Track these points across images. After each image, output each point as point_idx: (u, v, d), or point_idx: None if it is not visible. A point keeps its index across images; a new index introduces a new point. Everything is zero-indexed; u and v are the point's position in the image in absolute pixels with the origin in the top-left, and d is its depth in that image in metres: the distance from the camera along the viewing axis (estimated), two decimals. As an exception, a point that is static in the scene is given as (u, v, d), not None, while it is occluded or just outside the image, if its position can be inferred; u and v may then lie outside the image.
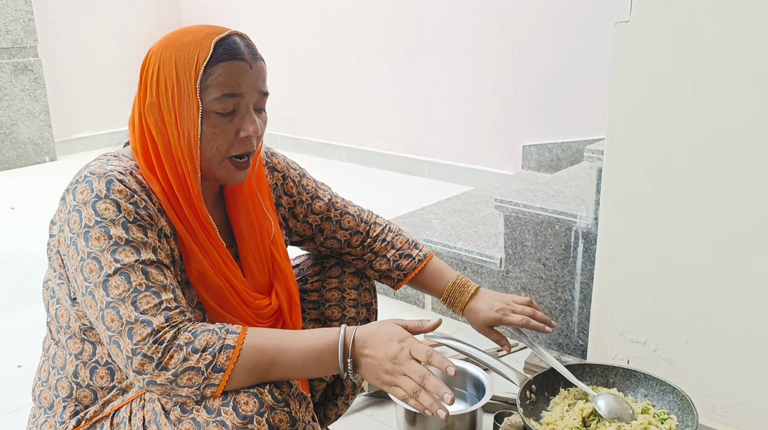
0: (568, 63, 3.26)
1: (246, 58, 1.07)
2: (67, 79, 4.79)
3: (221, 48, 1.05)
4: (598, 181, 1.80)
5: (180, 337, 0.94)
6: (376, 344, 1.04)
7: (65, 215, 1.02)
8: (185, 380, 0.93)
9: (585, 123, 3.22)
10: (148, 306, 0.95)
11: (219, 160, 1.08)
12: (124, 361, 0.94)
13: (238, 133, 1.08)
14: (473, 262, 2.26)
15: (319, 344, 1.02)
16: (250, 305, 1.17)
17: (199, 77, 1.04)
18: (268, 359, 0.98)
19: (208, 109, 1.05)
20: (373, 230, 1.45)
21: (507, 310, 1.37)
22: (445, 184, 3.86)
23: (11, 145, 4.45)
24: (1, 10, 4.25)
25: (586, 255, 1.93)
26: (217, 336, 0.96)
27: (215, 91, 1.05)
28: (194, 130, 1.05)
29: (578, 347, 2.03)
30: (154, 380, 0.93)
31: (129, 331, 0.94)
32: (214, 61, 1.05)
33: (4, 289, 2.67)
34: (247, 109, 1.08)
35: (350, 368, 1.02)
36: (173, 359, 0.93)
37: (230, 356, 0.95)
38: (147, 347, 0.92)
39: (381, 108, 4.19)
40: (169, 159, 1.07)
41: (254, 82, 1.08)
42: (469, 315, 1.41)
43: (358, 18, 4.13)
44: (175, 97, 1.05)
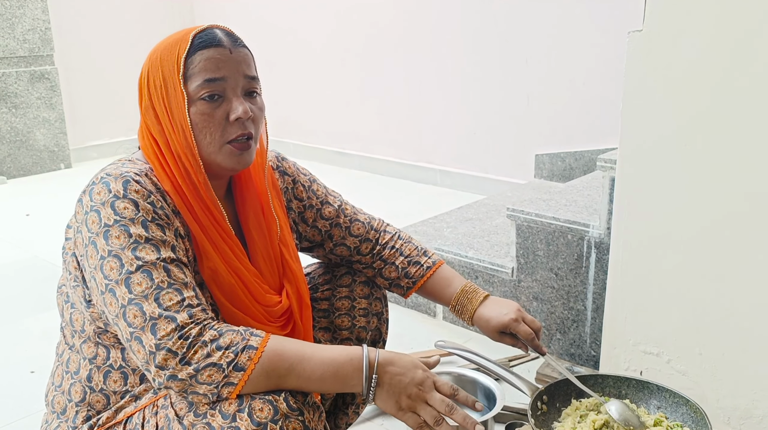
0: (580, 72, 3.26)
1: (224, 44, 1.09)
2: (82, 88, 4.84)
3: (199, 38, 1.09)
4: (611, 190, 1.79)
5: (206, 333, 0.96)
6: (402, 367, 1.05)
7: (82, 215, 1.03)
8: (205, 377, 0.94)
9: (597, 132, 3.22)
10: (171, 303, 0.97)
11: (218, 146, 1.10)
12: (145, 356, 0.95)
13: (228, 116, 1.09)
14: (485, 271, 2.25)
15: (340, 358, 1.02)
16: (262, 301, 1.18)
17: (180, 69, 1.07)
18: (288, 365, 0.99)
19: (194, 97, 1.08)
20: (382, 237, 1.45)
21: (519, 317, 1.37)
22: (457, 192, 3.86)
23: (27, 153, 4.50)
24: (19, 19, 4.31)
25: (599, 265, 1.92)
26: (241, 336, 0.97)
27: (197, 79, 1.07)
28: (185, 122, 1.08)
29: (591, 357, 2.02)
30: (176, 375, 0.94)
31: (152, 326, 0.95)
32: (192, 51, 1.08)
33: (18, 294, 2.69)
34: (234, 92, 1.10)
35: (374, 384, 1.02)
36: (197, 355, 0.94)
37: (252, 356, 0.96)
38: (172, 342, 0.94)
39: (392, 116, 4.20)
40: (171, 156, 1.09)
41: (236, 65, 1.10)
42: (479, 323, 1.40)
43: (370, 26, 4.15)
44: (164, 94, 1.08)
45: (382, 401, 1.04)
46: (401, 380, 1.04)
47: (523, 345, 1.39)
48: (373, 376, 1.02)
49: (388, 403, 1.04)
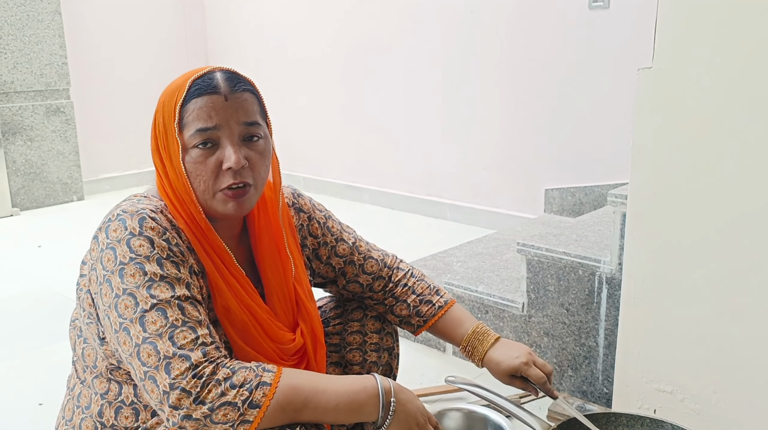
0: (591, 107, 3.28)
1: (220, 91, 1.08)
2: (96, 121, 4.91)
3: (195, 85, 1.08)
4: (622, 226, 1.79)
5: (219, 372, 0.96)
6: (410, 395, 1.09)
7: (98, 253, 1.04)
8: (221, 416, 0.94)
9: (608, 167, 3.22)
10: (185, 341, 0.97)
11: (211, 194, 1.10)
12: (159, 396, 0.95)
13: (222, 164, 1.09)
14: (495, 306, 2.24)
15: (354, 387, 1.04)
16: (275, 339, 1.17)
17: (176, 117, 1.07)
18: (303, 398, 0.99)
19: (188, 145, 1.08)
20: (395, 275, 1.44)
21: (530, 361, 1.36)
22: (467, 227, 3.86)
23: (41, 185, 4.55)
24: (37, 54, 4.40)
25: (611, 301, 1.91)
26: (254, 373, 0.98)
27: (191, 128, 1.08)
28: (180, 168, 1.08)
29: (603, 395, 1.99)
30: (190, 415, 0.93)
31: (166, 365, 0.95)
32: (188, 99, 1.08)
33: (29, 326, 2.69)
34: (230, 140, 1.08)
35: (392, 410, 1.03)
36: (211, 394, 0.94)
37: (266, 392, 0.96)
38: (186, 382, 0.93)
39: (403, 150, 4.23)
40: (176, 198, 1.10)
41: (232, 113, 1.08)
42: (489, 365, 1.39)
43: (381, 61, 4.21)
44: (165, 140, 1.09)
45: (395, 429, 1.05)
46: (412, 409, 1.07)
47: (533, 389, 1.38)
48: (392, 402, 1.03)
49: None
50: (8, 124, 4.35)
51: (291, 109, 4.73)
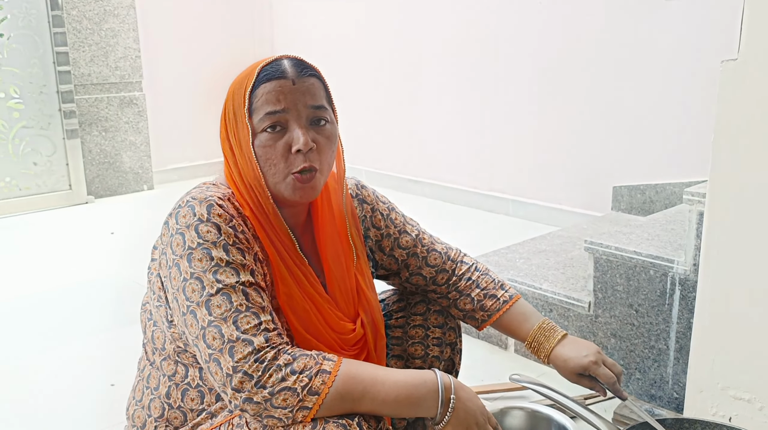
0: (661, 102, 3.17)
1: (287, 76, 1.10)
2: (166, 113, 5.05)
3: (264, 71, 1.11)
4: (699, 225, 1.72)
5: (280, 358, 0.97)
6: (470, 394, 1.07)
7: (168, 238, 1.07)
8: (280, 400, 0.95)
9: (681, 164, 3.11)
10: (248, 326, 0.98)
11: (282, 178, 1.11)
12: (223, 378, 0.97)
13: (291, 148, 1.10)
14: (560, 304, 2.19)
15: (414, 380, 1.03)
16: (335, 328, 1.18)
17: (246, 103, 1.09)
18: (362, 388, 0.99)
19: (258, 130, 1.10)
20: (459, 268, 1.43)
21: (599, 360, 1.32)
22: (530, 223, 3.79)
23: (114, 174, 4.71)
24: (112, 48, 4.55)
25: (684, 303, 1.84)
26: (314, 361, 0.98)
27: (260, 112, 1.09)
28: (251, 153, 1.10)
29: (672, 400, 1.92)
30: (251, 398, 0.95)
31: (230, 349, 0.96)
32: (257, 85, 1.10)
33: (101, 310, 2.79)
34: (298, 123, 1.10)
35: (452, 407, 1.02)
36: (272, 378, 0.95)
37: (326, 380, 0.97)
38: (248, 365, 0.95)
39: (466, 144, 4.19)
40: (244, 185, 1.12)
41: (299, 96, 1.10)
42: (556, 362, 1.36)
43: (445, 53, 4.17)
44: (235, 127, 1.12)
45: (453, 426, 1.04)
46: (472, 407, 1.05)
47: (602, 389, 1.34)
48: (451, 398, 1.02)
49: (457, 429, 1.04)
50: (85, 115, 4.52)
51: (354, 101, 4.75)
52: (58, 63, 4.32)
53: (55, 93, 4.35)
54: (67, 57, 4.35)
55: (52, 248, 3.62)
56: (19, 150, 4.29)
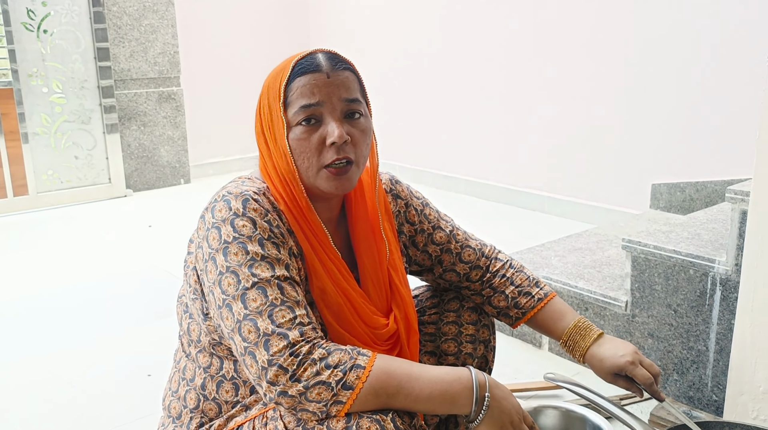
0: (703, 98, 3.09)
1: (322, 69, 1.11)
2: (203, 109, 5.12)
3: (299, 65, 1.11)
4: (742, 224, 1.67)
5: (315, 352, 0.97)
6: (505, 392, 1.06)
7: (204, 232, 1.08)
8: (315, 394, 0.95)
9: (722, 162, 3.04)
10: (283, 320, 0.99)
11: (315, 171, 1.11)
12: (257, 372, 0.97)
13: (325, 141, 1.10)
14: (596, 303, 2.16)
15: (448, 377, 1.02)
16: (368, 323, 1.18)
17: (281, 97, 1.10)
18: (397, 384, 0.99)
19: (293, 122, 1.10)
20: (493, 265, 1.42)
21: (636, 360, 1.29)
22: (566, 221, 3.74)
23: (152, 168, 4.79)
24: (151, 44, 4.63)
25: (725, 303, 1.80)
26: (348, 355, 0.98)
27: (295, 105, 1.10)
28: (285, 147, 1.11)
29: (711, 402, 1.88)
30: (286, 391, 0.95)
31: (266, 342, 0.97)
32: (292, 78, 1.11)
33: (138, 302, 2.84)
34: (332, 116, 1.10)
35: (486, 404, 1.01)
36: (306, 372, 0.95)
37: (360, 375, 0.97)
38: (283, 359, 0.96)
39: (501, 141, 4.15)
40: (279, 179, 1.12)
41: (334, 89, 1.11)
42: (591, 361, 1.34)
43: (480, 50, 4.14)
44: (270, 121, 1.12)
45: (487, 425, 1.03)
46: (507, 405, 1.04)
47: (638, 389, 1.31)
48: (486, 396, 1.01)
49: (493, 427, 1.03)
50: (124, 109, 4.60)
51: (389, 97, 4.75)
52: (98, 58, 4.40)
53: (95, 88, 4.44)
54: (107, 53, 4.43)
55: (92, 240, 3.70)
56: (61, 144, 4.39)
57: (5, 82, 4.15)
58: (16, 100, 4.17)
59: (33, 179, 4.32)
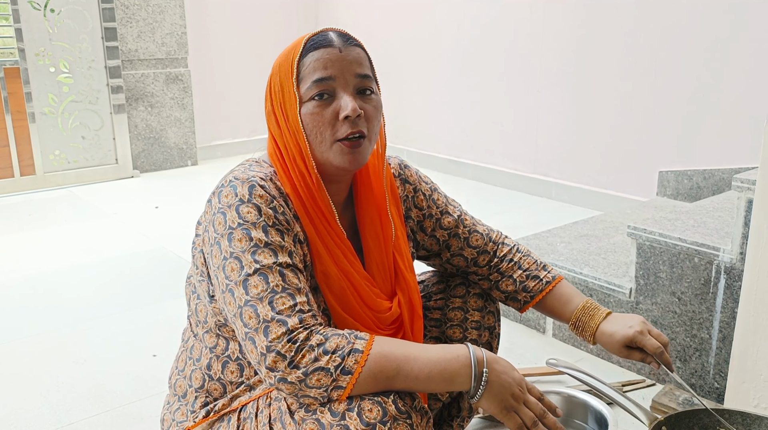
0: (711, 86, 3.07)
1: (334, 44, 1.11)
2: (211, 90, 5.12)
3: (311, 41, 1.12)
4: (747, 212, 1.67)
5: (312, 338, 0.98)
6: (505, 366, 1.06)
7: (210, 216, 1.08)
8: (314, 381, 0.96)
9: (730, 150, 3.02)
10: (283, 307, 0.99)
11: (329, 145, 1.11)
12: (257, 357, 0.98)
13: (338, 115, 1.10)
14: (600, 290, 2.17)
15: (447, 355, 1.03)
16: (372, 307, 1.18)
17: (294, 72, 1.10)
18: (395, 366, 0.99)
19: (305, 98, 1.10)
20: (500, 250, 1.42)
21: (645, 330, 1.29)
22: (573, 207, 3.74)
23: (159, 149, 4.80)
24: (159, 24, 4.62)
25: (729, 292, 1.80)
26: (346, 340, 0.99)
27: (308, 80, 1.10)
28: (297, 122, 1.11)
29: (713, 390, 1.89)
30: (285, 378, 0.96)
31: (265, 328, 0.98)
32: (304, 54, 1.11)
33: (145, 283, 2.86)
34: (345, 90, 1.10)
35: (485, 380, 1.02)
36: (305, 359, 0.96)
37: (358, 359, 0.97)
38: (281, 345, 0.96)
39: (510, 127, 4.14)
40: (289, 159, 1.12)
41: (346, 65, 1.11)
42: (602, 339, 1.33)
43: (490, 35, 4.11)
44: (281, 98, 1.12)
45: (488, 400, 1.03)
46: (506, 379, 1.04)
47: (654, 361, 1.30)
48: (484, 371, 1.02)
49: (493, 402, 1.03)
50: (132, 90, 4.60)
51: (398, 82, 4.73)
52: (106, 38, 4.40)
53: (103, 68, 4.44)
54: (115, 32, 4.42)
55: (98, 221, 3.72)
56: (68, 124, 4.40)
57: (12, 62, 4.15)
58: (23, 79, 4.18)
59: (40, 159, 4.33)
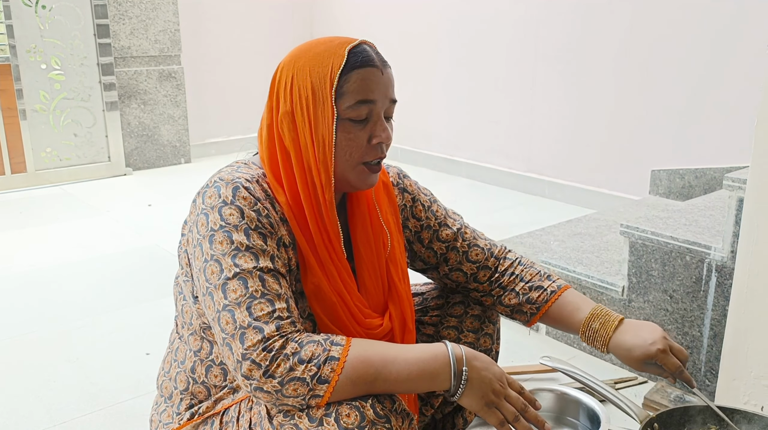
0: (704, 86, 3.08)
1: (377, 65, 1.08)
2: (204, 87, 5.10)
3: (354, 56, 1.07)
4: (738, 211, 1.68)
5: (288, 346, 0.95)
6: (485, 362, 1.04)
7: (195, 217, 1.06)
8: (291, 390, 0.94)
9: (722, 149, 3.04)
10: (261, 313, 0.97)
11: (353, 166, 1.09)
12: (234, 364, 0.96)
13: (370, 139, 1.09)
14: (593, 288, 2.17)
15: (425, 355, 1.01)
16: (362, 324, 1.16)
17: (334, 85, 1.05)
18: (374, 371, 0.97)
19: (343, 116, 1.06)
20: (502, 264, 1.37)
21: (666, 347, 1.23)
22: (566, 205, 3.75)
23: (153, 147, 4.79)
24: (152, 21, 4.60)
25: (720, 290, 1.81)
26: (322, 347, 0.96)
27: (350, 99, 1.06)
28: (329, 138, 1.06)
29: (704, 387, 1.90)
30: (261, 387, 0.94)
31: (241, 335, 0.95)
32: (348, 69, 1.06)
33: (139, 280, 2.86)
34: (379, 116, 1.09)
35: (465, 378, 1.00)
36: (280, 368, 0.94)
37: (335, 367, 0.95)
38: (256, 354, 0.94)
39: (504, 125, 4.15)
40: (300, 168, 1.08)
41: (385, 89, 1.09)
42: (617, 352, 1.27)
43: (484, 35, 4.12)
44: (310, 106, 1.06)
45: (468, 397, 1.01)
46: (486, 375, 1.02)
47: (671, 377, 1.27)
48: (464, 369, 1.00)
49: (474, 399, 1.01)
50: (125, 87, 4.59)
51: (391, 79, 4.73)
52: (98, 35, 4.38)
53: (95, 65, 4.42)
54: (107, 29, 4.40)
55: (91, 219, 3.71)
56: (60, 121, 4.38)
57: (3, 58, 4.13)
58: (14, 76, 4.15)
59: (31, 157, 4.31)
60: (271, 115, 1.11)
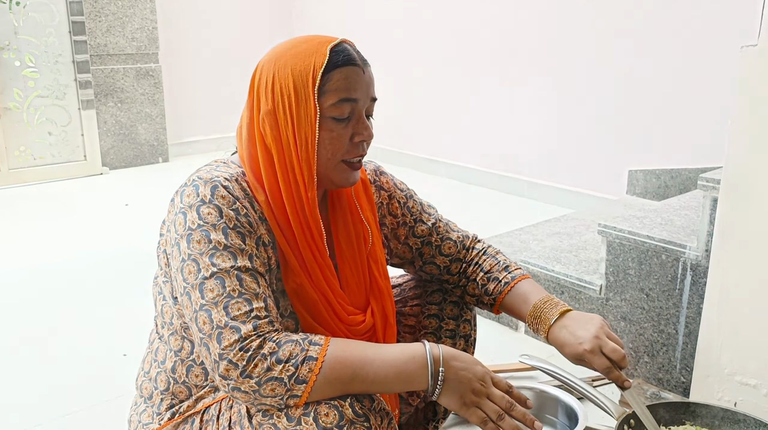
0: (680, 87, 3.13)
1: (359, 64, 1.09)
2: (182, 86, 5.06)
3: (336, 54, 1.07)
4: (712, 211, 1.71)
5: (265, 346, 0.95)
6: (465, 361, 1.03)
7: (173, 216, 1.06)
8: (268, 390, 0.94)
9: (697, 150, 3.08)
10: (238, 313, 0.96)
11: (334, 164, 1.10)
12: (211, 364, 0.96)
13: (353, 137, 1.09)
14: (572, 287, 2.20)
15: (402, 356, 1.01)
16: (344, 321, 1.16)
17: (317, 83, 1.05)
18: (351, 372, 0.97)
19: (325, 114, 1.07)
20: (469, 255, 1.38)
21: (596, 348, 1.20)
22: (545, 205, 3.78)
23: (130, 145, 4.74)
24: (129, 19, 4.55)
25: (694, 288, 1.84)
26: (299, 347, 0.96)
27: (333, 97, 1.06)
28: (312, 136, 1.07)
29: (680, 384, 1.93)
30: (239, 387, 0.94)
31: (218, 335, 0.95)
32: (330, 67, 1.06)
33: (114, 281, 2.83)
34: (361, 114, 1.10)
35: (441, 379, 1.00)
36: (257, 368, 0.94)
37: (312, 367, 0.95)
38: (233, 354, 0.94)
39: (483, 126, 4.17)
40: (282, 166, 1.08)
41: (367, 87, 1.10)
42: (554, 345, 1.27)
43: (465, 36, 4.14)
44: (293, 104, 1.06)
45: (446, 397, 1.01)
46: (465, 375, 1.01)
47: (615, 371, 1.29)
48: (440, 370, 1.00)
49: (452, 399, 1.01)
50: (101, 85, 4.53)
51: (370, 79, 4.72)
52: (74, 32, 4.33)
53: (70, 63, 4.36)
54: (83, 26, 4.35)
55: (67, 218, 3.66)
56: (34, 119, 4.32)
57: (-22, 56, 4.07)
58: (-12, 74, 4.09)
59: (4, 155, 4.25)
60: (251, 114, 1.10)
